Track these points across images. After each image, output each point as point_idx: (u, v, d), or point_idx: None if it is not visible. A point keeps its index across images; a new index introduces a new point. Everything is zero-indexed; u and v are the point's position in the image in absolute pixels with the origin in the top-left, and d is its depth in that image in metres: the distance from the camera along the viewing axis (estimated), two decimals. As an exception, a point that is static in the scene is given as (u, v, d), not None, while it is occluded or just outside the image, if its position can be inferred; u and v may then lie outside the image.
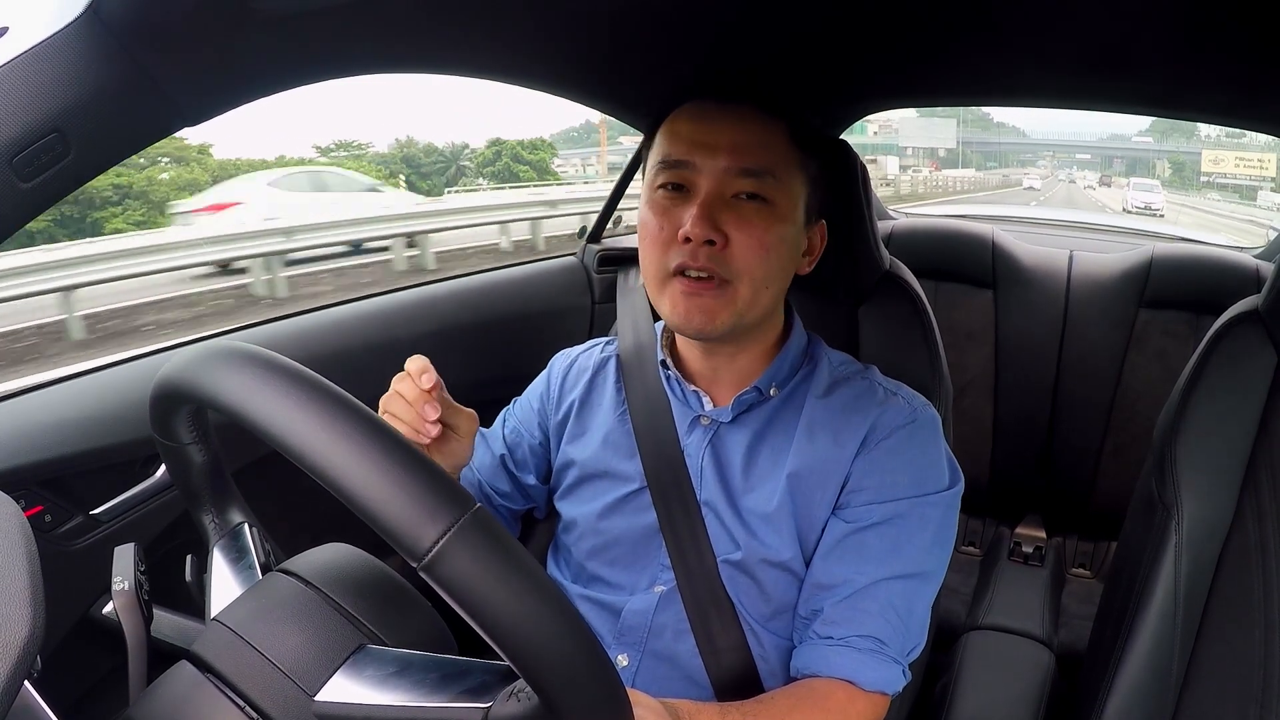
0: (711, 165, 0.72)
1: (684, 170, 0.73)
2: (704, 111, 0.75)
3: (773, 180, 0.72)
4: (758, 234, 0.71)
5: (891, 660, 0.69)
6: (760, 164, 0.72)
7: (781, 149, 0.74)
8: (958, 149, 38.43)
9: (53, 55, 0.51)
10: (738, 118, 0.74)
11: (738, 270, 0.71)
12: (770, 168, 0.72)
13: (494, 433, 0.94)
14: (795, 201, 0.74)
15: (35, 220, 0.56)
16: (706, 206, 0.71)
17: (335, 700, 0.46)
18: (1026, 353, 1.74)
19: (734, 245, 0.71)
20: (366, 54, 0.79)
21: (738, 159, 0.72)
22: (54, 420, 0.86)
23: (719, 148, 0.72)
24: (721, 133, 0.73)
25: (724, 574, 0.75)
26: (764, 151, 0.72)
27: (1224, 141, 30.41)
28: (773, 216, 0.72)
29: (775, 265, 0.73)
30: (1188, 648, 0.74)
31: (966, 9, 0.85)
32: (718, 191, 0.72)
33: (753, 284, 0.72)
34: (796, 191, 0.75)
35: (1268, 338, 0.78)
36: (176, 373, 0.48)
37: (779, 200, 0.72)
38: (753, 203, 0.72)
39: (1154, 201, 23.37)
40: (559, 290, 1.47)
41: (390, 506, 0.37)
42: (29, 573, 0.38)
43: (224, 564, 0.59)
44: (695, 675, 0.76)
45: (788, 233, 0.74)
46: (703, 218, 0.70)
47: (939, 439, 0.76)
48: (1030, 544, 1.77)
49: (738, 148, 0.72)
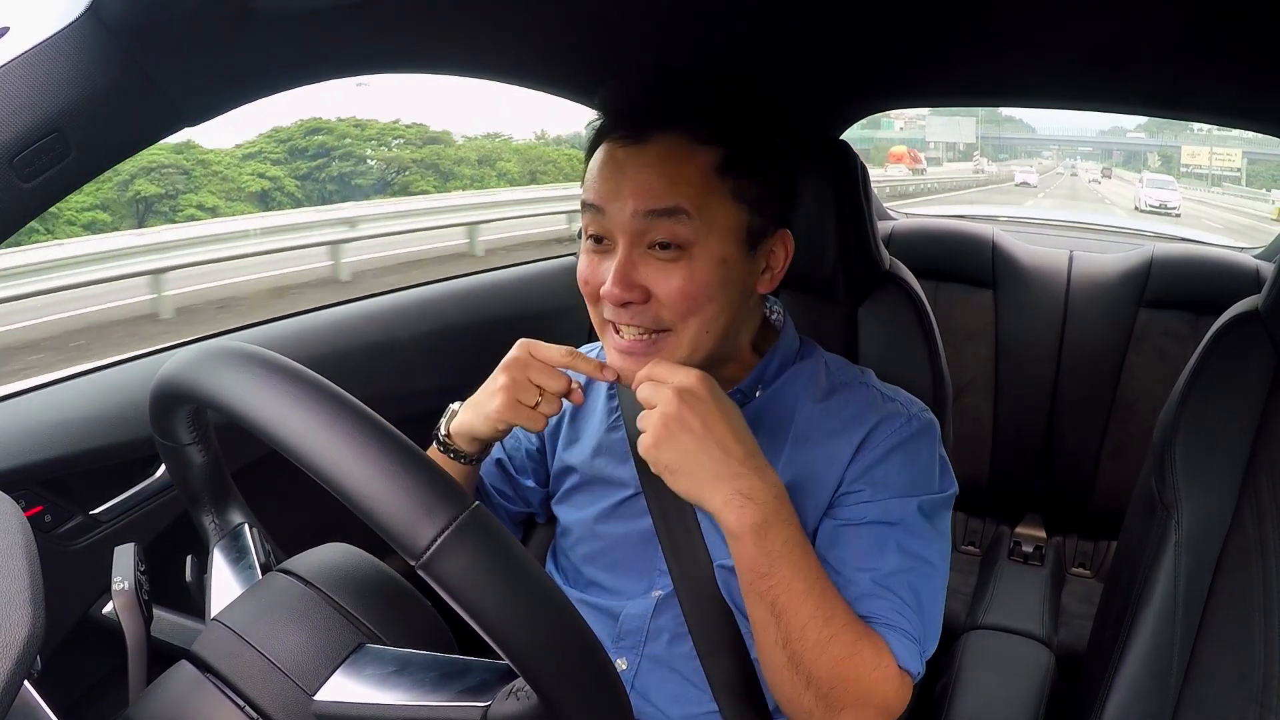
0: (620, 212, 0.66)
1: (599, 218, 0.68)
2: (611, 153, 0.68)
3: (686, 219, 0.65)
4: (678, 285, 0.66)
5: (911, 638, 0.67)
6: (670, 202, 0.65)
7: (701, 184, 0.66)
8: (976, 143, 40.64)
9: (53, 55, 0.51)
10: (649, 158, 0.66)
11: (670, 320, 0.67)
12: (684, 205, 0.65)
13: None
14: (724, 235, 0.67)
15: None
16: (622, 266, 0.66)
17: (335, 699, 0.46)
18: (1026, 353, 1.74)
19: (658, 298, 0.66)
20: (366, 54, 0.79)
21: (644, 202, 0.65)
22: (54, 420, 0.86)
23: (624, 194, 0.65)
24: (626, 177, 0.66)
25: (720, 578, 0.75)
26: (674, 189, 0.65)
27: (1208, 137, 34.24)
28: (694, 262, 0.66)
29: (711, 307, 0.68)
30: (1188, 648, 0.74)
31: (966, 9, 0.85)
32: (632, 243, 0.66)
33: (690, 328, 0.68)
34: (725, 224, 0.67)
35: (1268, 338, 0.78)
36: (176, 373, 0.48)
37: (699, 240, 0.66)
38: (668, 251, 0.66)
39: (1170, 200, 20.85)
40: (558, 291, 1.47)
41: (388, 505, 0.38)
42: (29, 573, 0.38)
43: (224, 564, 0.59)
44: (694, 678, 0.76)
45: (716, 274, 0.67)
46: (619, 279, 0.65)
47: (935, 444, 0.76)
48: (1030, 543, 1.77)
49: (642, 192, 0.65)
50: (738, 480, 0.62)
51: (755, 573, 0.62)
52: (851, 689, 0.63)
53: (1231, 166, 33.96)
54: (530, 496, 0.92)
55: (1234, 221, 17.00)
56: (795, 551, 0.62)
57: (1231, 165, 33.99)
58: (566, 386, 0.71)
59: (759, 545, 0.61)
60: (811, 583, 0.62)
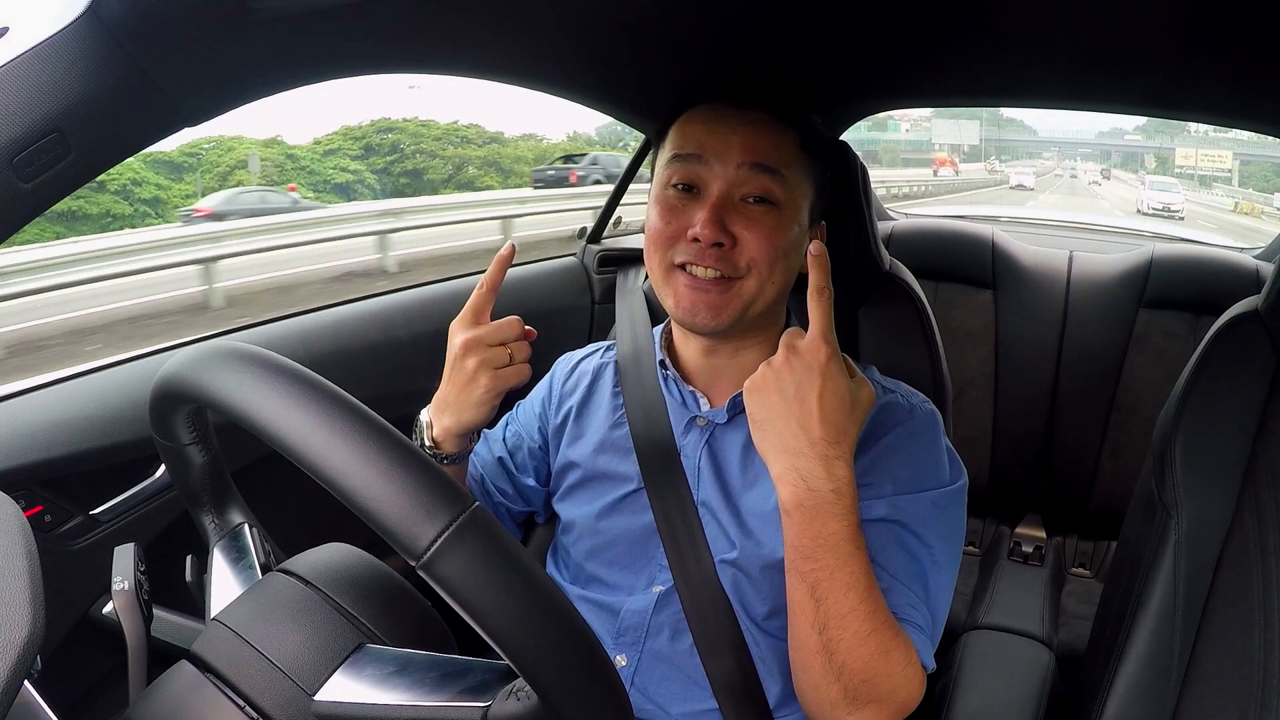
0: (723, 162, 0.74)
1: (696, 166, 0.75)
2: (717, 112, 0.76)
3: (782, 181, 0.74)
4: (766, 233, 0.72)
5: (923, 632, 0.68)
6: (772, 161, 0.73)
7: (792, 152, 0.75)
8: (980, 146, 42.81)
9: (53, 55, 0.51)
10: (751, 120, 0.75)
11: (745, 267, 0.73)
12: (781, 167, 0.74)
13: (495, 434, 0.94)
14: (801, 204, 0.76)
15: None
16: (716, 209, 0.72)
17: (335, 700, 0.46)
18: (1026, 353, 1.74)
19: (742, 245, 0.72)
20: (366, 54, 0.79)
21: (750, 155, 0.73)
22: (54, 420, 0.86)
23: (731, 146, 0.74)
24: (734, 132, 0.74)
25: (721, 574, 0.75)
26: (776, 151, 0.74)
27: (1204, 139, 36.93)
28: (780, 218, 0.74)
29: (781, 264, 0.74)
30: (1188, 647, 0.74)
31: (966, 9, 0.85)
32: (727, 193, 0.73)
33: (759, 278, 0.73)
34: (803, 195, 0.76)
35: (1267, 338, 0.78)
36: (176, 373, 0.48)
37: (786, 202, 0.74)
38: (760, 206, 0.73)
39: (1173, 202, 21.29)
40: (559, 290, 1.47)
41: (389, 505, 0.38)
42: (29, 573, 0.38)
43: (224, 564, 0.59)
44: (693, 675, 0.76)
45: (793, 234, 0.75)
46: (712, 220, 0.71)
47: (939, 435, 0.76)
48: (1030, 543, 1.77)
49: (750, 146, 0.74)
50: (800, 459, 0.63)
51: (800, 552, 0.63)
52: (882, 685, 0.63)
53: (1222, 167, 36.21)
54: (531, 495, 0.92)
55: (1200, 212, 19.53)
56: (844, 546, 0.63)
57: (1222, 166, 36.26)
58: (520, 329, 0.78)
59: (806, 527, 0.63)
60: (857, 578, 0.63)
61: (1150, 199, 21.42)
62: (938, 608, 0.70)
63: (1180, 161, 39.30)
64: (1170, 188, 23.84)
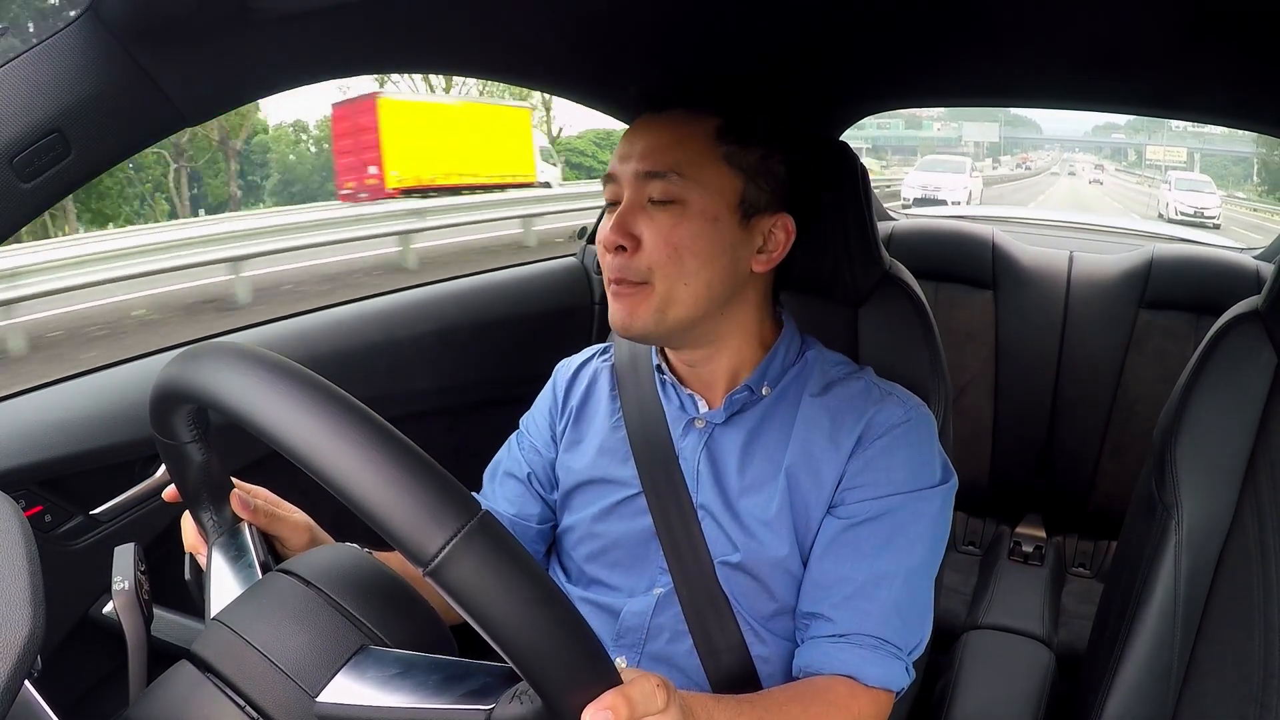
0: (626, 174, 0.74)
1: (613, 184, 0.76)
2: (640, 122, 0.77)
3: (679, 179, 0.72)
4: (663, 232, 0.72)
5: (893, 656, 0.69)
6: (662, 165, 0.73)
7: (698, 146, 0.73)
8: (1000, 143, 46.54)
9: (53, 55, 0.51)
10: (664, 122, 0.75)
11: (647, 269, 0.72)
12: (675, 167, 0.72)
13: (512, 458, 0.91)
14: (717, 196, 0.73)
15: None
16: (621, 215, 0.73)
17: (337, 701, 0.46)
18: (1026, 353, 1.74)
19: (644, 247, 0.72)
20: (366, 54, 0.79)
21: (645, 163, 0.73)
22: (54, 420, 0.86)
23: (633, 156, 0.74)
24: (640, 139, 0.75)
25: (721, 575, 0.75)
26: (671, 152, 0.73)
27: (1183, 134, 41.88)
28: (683, 215, 0.72)
29: (693, 262, 0.72)
30: (1188, 648, 0.74)
31: (966, 9, 0.85)
32: (633, 199, 0.73)
33: (666, 280, 0.72)
34: (719, 186, 0.74)
35: (1268, 338, 0.78)
36: (177, 372, 0.47)
37: (690, 198, 0.72)
38: (662, 206, 0.73)
39: (1208, 206, 15.94)
40: (560, 291, 1.47)
41: (396, 511, 0.37)
42: (29, 573, 0.38)
43: (222, 562, 0.59)
44: (694, 676, 0.76)
45: (704, 229, 0.72)
46: (615, 226, 0.73)
47: (933, 438, 0.77)
48: (1030, 543, 1.77)
49: (646, 153, 0.74)
50: None
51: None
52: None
53: (1178, 160, 41.15)
54: (555, 506, 0.90)
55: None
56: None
57: (1178, 159, 41.27)
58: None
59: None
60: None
61: (1178, 201, 16.25)
62: (915, 613, 0.72)
63: (1150, 156, 44.78)
64: (1202, 186, 17.85)
